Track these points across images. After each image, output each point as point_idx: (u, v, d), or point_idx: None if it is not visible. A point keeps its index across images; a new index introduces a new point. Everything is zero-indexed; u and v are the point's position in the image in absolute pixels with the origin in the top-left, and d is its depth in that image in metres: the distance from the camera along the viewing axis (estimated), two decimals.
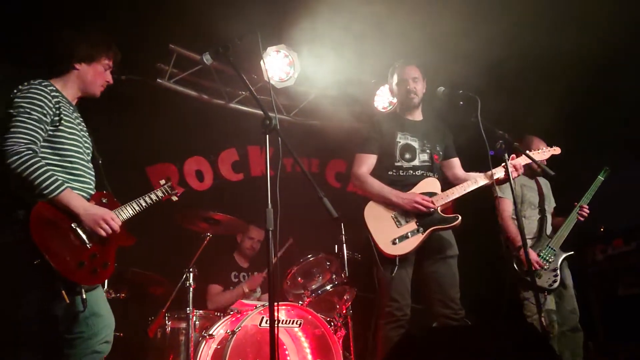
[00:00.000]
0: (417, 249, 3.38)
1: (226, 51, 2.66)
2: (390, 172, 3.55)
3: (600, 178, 4.49)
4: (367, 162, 3.59)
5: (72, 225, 2.41)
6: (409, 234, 3.36)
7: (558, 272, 4.18)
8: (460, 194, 3.53)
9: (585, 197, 4.42)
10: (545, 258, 4.20)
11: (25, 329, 2.39)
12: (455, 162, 3.78)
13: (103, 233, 2.47)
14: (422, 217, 3.40)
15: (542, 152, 3.81)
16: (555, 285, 4.16)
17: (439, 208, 3.44)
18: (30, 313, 2.37)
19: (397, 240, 3.34)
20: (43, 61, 2.77)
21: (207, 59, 2.73)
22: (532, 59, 4.77)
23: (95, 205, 2.53)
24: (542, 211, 4.40)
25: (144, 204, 2.84)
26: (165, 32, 4.59)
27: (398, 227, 3.39)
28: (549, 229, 4.36)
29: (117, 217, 2.58)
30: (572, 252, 4.33)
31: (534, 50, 4.62)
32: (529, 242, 4.23)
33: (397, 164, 3.56)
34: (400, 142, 3.59)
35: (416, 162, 3.57)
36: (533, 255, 4.14)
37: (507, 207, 4.33)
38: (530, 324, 3.26)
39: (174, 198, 3.08)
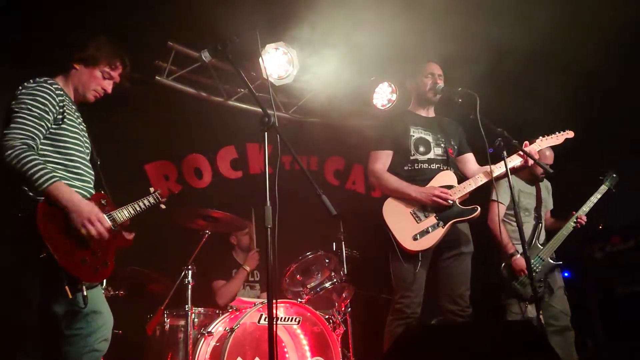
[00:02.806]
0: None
1: (225, 48, 2.66)
2: (406, 167, 3.53)
3: (605, 187, 4.39)
4: (383, 159, 3.57)
5: None
6: (430, 228, 3.35)
7: (543, 282, 4.18)
8: (477, 185, 3.52)
9: (584, 207, 4.34)
10: (533, 267, 4.16)
11: (25, 323, 2.39)
12: (470, 157, 3.76)
13: (84, 232, 2.37)
14: (441, 210, 3.39)
15: (557, 137, 3.70)
16: (539, 295, 4.14)
17: (457, 200, 3.43)
18: (31, 307, 2.38)
19: (417, 235, 3.32)
20: (48, 57, 2.77)
21: (205, 56, 2.73)
22: (539, 57, 4.77)
23: (87, 201, 2.46)
24: (537, 217, 4.39)
25: (138, 209, 2.84)
26: (163, 29, 4.58)
27: (418, 223, 3.36)
28: (542, 237, 4.34)
29: (106, 221, 2.47)
30: (561, 263, 4.32)
31: (540, 48, 4.61)
32: (520, 249, 4.21)
33: (412, 157, 3.53)
34: (414, 136, 3.57)
35: (431, 155, 3.55)
36: (523, 262, 4.12)
37: (500, 211, 4.28)
38: (528, 321, 3.27)
39: (162, 206, 3.09)
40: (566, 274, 5.68)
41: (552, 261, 4.25)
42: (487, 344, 2.24)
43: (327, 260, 4.27)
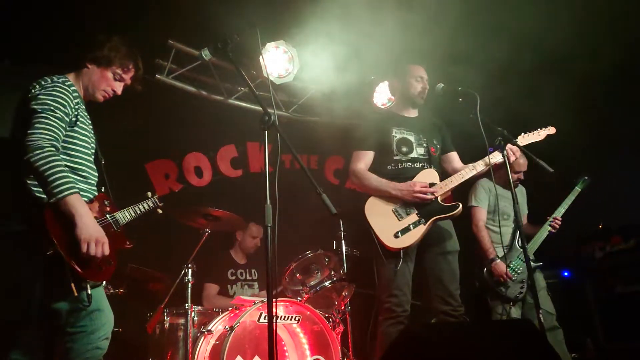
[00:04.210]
0: (420, 242, 3.38)
1: (225, 47, 2.65)
2: (389, 167, 3.54)
3: (577, 189, 4.48)
4: (365, 159, 3.58)
5: None
6: (411, 226, 3.35)
7: (525, 283, 4.23)
8: (459, 182, 3.52)
9: (560, 209, 4.43)
10: (514, 269, 4.24)
11: (26, 319, 2.40)
12: (454, 155, 3.77)
13: (84, 250, 2.32)
14: (423, 207, 3.39)
15: (538, 133, 3.66)
16: (521, 296, 4.23)
17: (439, 197, 3.43)
18: (32, 304, 2.38)
19: (399, 233, 3.32)
20: (61, 54, 2.76)
21: (206, 54, 2.72)
22: (543, 58, 4.77)
23: (97, 225, 2.42)
24: (516, 221, 4.39)
25: (138, 211, 2.85)
26: (164, 27, 4.58)
27: (399, 220, 3.37)
28: (520, 240, 4.35)
29: (107, 248, 2.42)
30: (541, 264, 4.36)
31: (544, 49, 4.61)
32: (500, 253, 4.30)
33: (395, 157, 3.55)
34: (396, 137, 3.58)
35: (414, 155, 3.56)
36: (502, 267, 4.19)
37: (482, 216, 4.39)
38: (529, 320, 3.27)
39: (159, 211, 3.08)
40: (566, 274, 5.70)
41: (532, 263, 4.26)
42: (487, 342, 2.24)
43: (326, 259, 4.27)
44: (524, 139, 3.63)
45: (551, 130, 3.70)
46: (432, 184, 3.46)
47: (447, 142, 3.78)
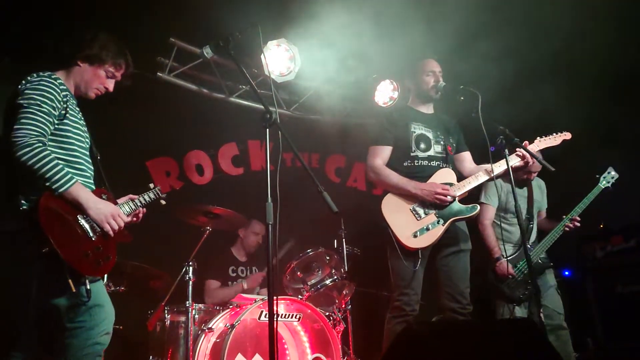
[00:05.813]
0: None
1: (227, 45, 2.66)
2: (405, 163, 3.51)
3: (601, 186, 4.34)
4: (382, 154, 3.55)
5: (78, 216, 2.42)
6: (430, 226, 3.33)
7: (529, 284, 4.15)
8: (477, 184, 3.52)
9: (577, 208, 4.30)
10: (521, 269, 4.16)
11: (23, 318, 2.40)
12: (467, 155, 3.75)
13: (109, 229, 2.48)
14: (441, 208, 3.37)
15: (554, 138, 3.69)
16: (525, 297, 4.16)
17: (457, 198, 3.42)
18: (29, 302, 2.38)
19: (417, 233, 3.30)
20: (51, 52, 2.76)
21: (207, 52, 2.72)
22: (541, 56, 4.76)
23: (104, 201, 2.54)
24: (528, 219, 4.36)
25: (138, 204, 2.85)
26: (165, 25, 4.58)
27: (418, 220, 3.35)
28: (532, 238, 4.33)
29: (124, 215, 2.60)
30: (552, 264, 4.30)
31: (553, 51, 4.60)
32: (510, 251, 4.22)
33: (412, 154, 3.52)
34: (415, 132, 3.55)
35: (431, 153, 3.54)
36: (504, 267, 4.11)
37: (489, 214, 4.30)
38: (530, 320, 3.27)
39: (162, 202, 3.08)
40: (566, 274, 5.70)
41: (541, 262, 4.23)
42: (488, 341, 2.24)
43: (327, 258, 4.28)
44: (541, 143, 3.63)
45: (567, 135, 3.72)
46: (449, 184, 3.44)
47: (461, 141, 3.76)
